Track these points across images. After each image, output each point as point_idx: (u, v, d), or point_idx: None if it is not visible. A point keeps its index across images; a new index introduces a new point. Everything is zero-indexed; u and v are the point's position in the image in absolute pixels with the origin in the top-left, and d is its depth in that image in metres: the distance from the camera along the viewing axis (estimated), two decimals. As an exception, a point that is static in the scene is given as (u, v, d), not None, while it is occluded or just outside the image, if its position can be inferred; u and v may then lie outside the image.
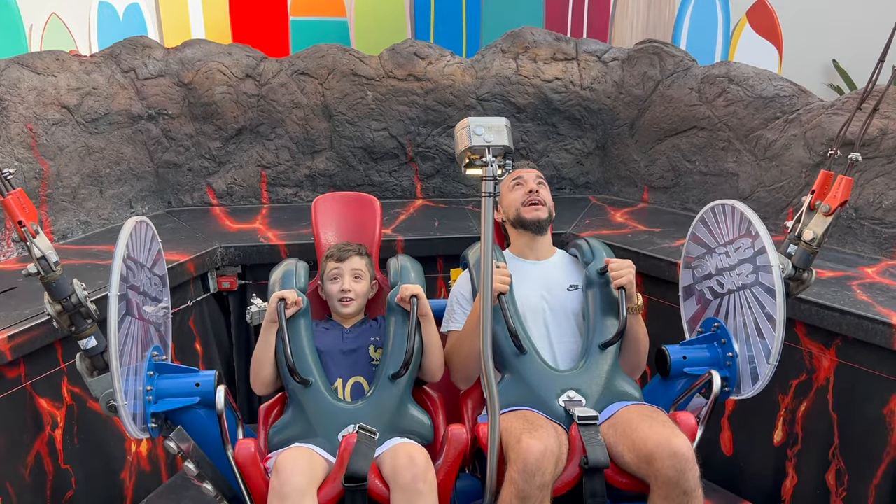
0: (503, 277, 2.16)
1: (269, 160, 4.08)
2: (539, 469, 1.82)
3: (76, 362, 1.92)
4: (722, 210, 2.25)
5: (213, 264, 3.34)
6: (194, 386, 1.95)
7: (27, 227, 1.78)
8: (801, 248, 2.11)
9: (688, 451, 1.84)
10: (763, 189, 3.59)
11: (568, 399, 2.09)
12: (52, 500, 2.54)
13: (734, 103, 3.72)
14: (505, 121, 1.72)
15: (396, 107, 4.10)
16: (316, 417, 2.06)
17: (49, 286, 1.82)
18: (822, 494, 2.71)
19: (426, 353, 2.20)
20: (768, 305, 2.02)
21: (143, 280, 1.99)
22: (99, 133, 3.59)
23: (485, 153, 1.68)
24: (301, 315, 2.23)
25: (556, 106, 4.19)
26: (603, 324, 2.23)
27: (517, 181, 2.46)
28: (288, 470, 1.83)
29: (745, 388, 2.12)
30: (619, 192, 4.33)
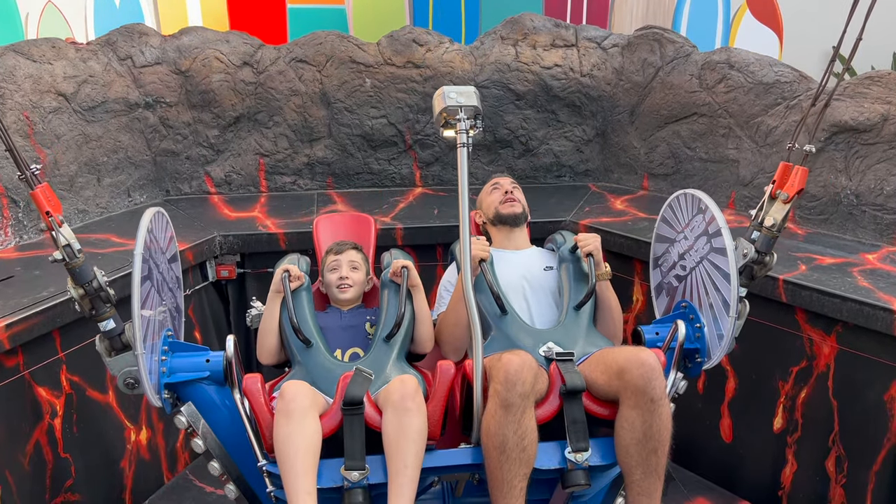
0: (483, 245, 2.37)
1: (268, 148, 4.06)
2: (519, 378, 1.95)
3: (96, 343, 2.04)
4: (677, 201, 2.42)
5: (211, 253, 3.33)
6: (205, 362, 2.07)
7: (54, 217, 1.92)
8: (762, 234, 2.23)
9: (654, 362, 1.98)
10: (764, 176, 3.57)
11: (547, 349, 2.24)
12: (51, 489, 2.54)
13: (735, 89, 3.70)
14: (473, 88, 2.02)
15: (395, 94, 4.07)
16: (316, 373, 2.18)
17: (73, 272, 1.95)
18: (822, 481, 2.72)
19: (417, 322, 2.34)
20: (723, 265, 2.13)
21: (163, 264, 2.12)
22: (96, 121, 3.57)
23: (458, 112, 1.99)
24: (303, 290, 2.38)
25: (556, 93, 4.17)
26: (577, 290, 2.42)
27: (494, 186, 2.73)
28: (292, 391, 1.97)
29: (713, 353, 2.21)
30: (619, 179, 4.31)
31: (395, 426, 1.95)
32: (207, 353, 2.09)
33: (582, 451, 1.99)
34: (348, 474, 1.92)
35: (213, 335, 3.44)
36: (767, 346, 2.83)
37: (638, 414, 1.95)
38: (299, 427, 1.91)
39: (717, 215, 2.16)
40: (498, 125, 4.19)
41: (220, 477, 2.14)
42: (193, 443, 2.06)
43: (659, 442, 1.95)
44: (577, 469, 1.98)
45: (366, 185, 4.21)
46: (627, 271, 3.40)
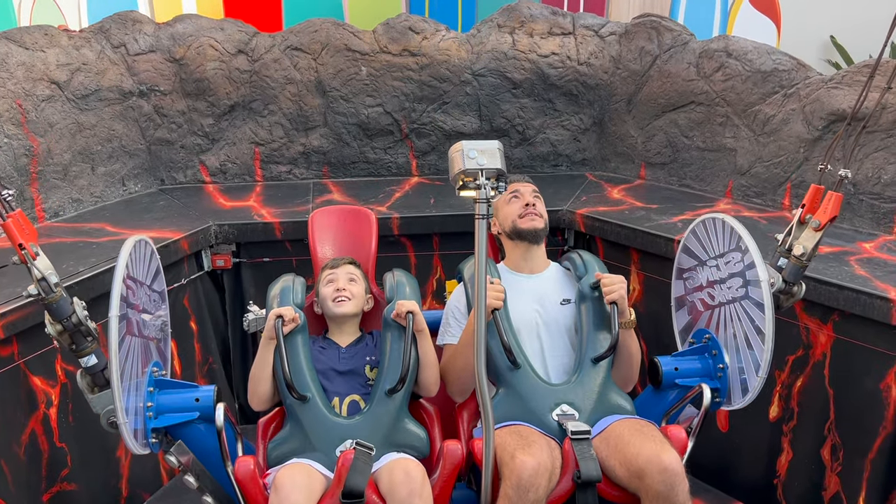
0: (497, 293, 2.20)
1: (263, 137, 4.04)
2: (533, 485, 1.87)
3: (77, 379, 1.95)
4: (713, 223, 2.27)
5: (207, 242, 3.32)
6: (194, 401, 1.99)
7: (27, 249, 1.80)
8: (791, 263, 2.14)
9: (677, 466, 1.89)
10: (761, 164, 3.56)
11: (561, 413, 2.13)
12: (47, 478, 2.54)
13: (732, 78, 3.69)
14: (498, 144, 1.76)
15: (391, 82, 4.05)
16: (313, 432, 2.09)
17: (50, 307, 1.84)
18: (817, 469, 2.73)
19: (422, 369, 2.22)
20: (757, 319, 2.05)
21: (143, 298, 2.01)
22: (89, 109, 3.54)
23: (478, 176, 1.72)
24: (298, 332, 2.25)
25: (553, 81, 4.15)
26: (596, 338, 2.26)
27: (514, 194, 2.50)
28: (287, 487, 1.87)
29: (735, 399, 2.16)
30: (616, 168, 4.30)
31: None
32: (197, 391, 2.01)
33: None
34: None
35: (209, 325, 3.43)
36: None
37: None
38: None
39: (758, 265, 2.03)
40: (494, 114, 4.17)
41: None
42: (185, 479, 2.00)
43: None
44: None
45: (362, 175, 4.19)
46: (624, 261, 3.39)
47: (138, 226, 3.24)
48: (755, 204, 3.58)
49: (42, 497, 2.52)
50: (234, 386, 3.60)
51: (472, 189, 1.72)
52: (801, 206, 2.17)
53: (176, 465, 1.98)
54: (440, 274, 3.62)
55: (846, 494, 2.64)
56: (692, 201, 3.66)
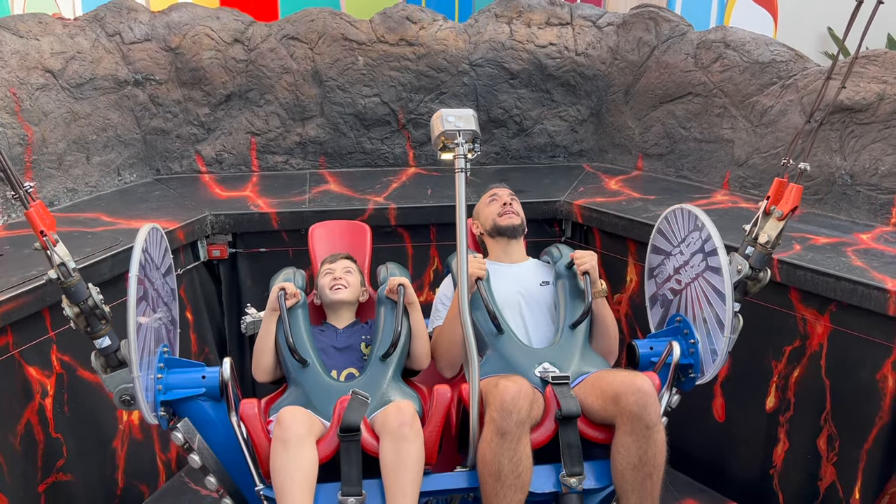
0: (479, 264, 2.38)
1: (259, 127, 4.02)
2: (515, 406, 1.97)
3: (91, 360, 2.03)
4: (674, 215, 2.41)
5: (202, 232, 3.30)
6: (201, 378, 2.08)
7: (48, 236, 1.91)
8: (757, 251, 2.24)
9: (649, 387, 2.02)
10: (758, 155, 3.56)
11: (543, 370, 2.26)
12: (43, 469, 2.53)
13: (730, 69, 3.68)
14: (472, 111, 2.00)
15: (388, 72, 4.03)
16: (313, 393, 2.19)
17: (68, 291, 1.93)
18: (813, 459, 2.73)
19: (413, 339, 2.35)
20: (718, 284, 2.14)
21: (157, 280, 2.11)
22: (84, 98, 3.51)
23: (456, 136, 1.98)
24: (299, 307, 2.38)
25: (551, 72, 4.13)
26: (573, 307, 2.43)
27: (493, 197, 2.72)
28: (289, 418, 1.98)
29: (707, 369, 2.23)
30: (613, 159, 4.29)
31: (392, 454, 1.98)
32: (203, 370, 2.10)
33: (576, 475, 2.03)
34: (345, 500, 1.94)
35: (205, 316, 3.42)
36: (761, 326, 2.83)
37: (633, 440, 1.98)
38: (296, 455, 1.93)
39: (713, 234, 2.17)
40: (492, 104, 4.15)
41: (216, 492, 2.15)
42: (190, 458, 2.08)
43: (654, 467, 1.99)
44: (571, 493, 2.02)
45: (358, 165, 4.18)
46: (621, 252, 3.39)
47: (134, 216, 3.22)
48: (752, 195, 3.58)
49: (38, 488, 2.52)
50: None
51: (451, 150, 1.94)
52: (767, 198, 2.27)
53: (181, 443, 2.05)
54: (437, 265, 3.61)
55: (842, 484, 2.65)
56: (689, 192, 3.66)
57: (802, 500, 2.79)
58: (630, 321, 3.42)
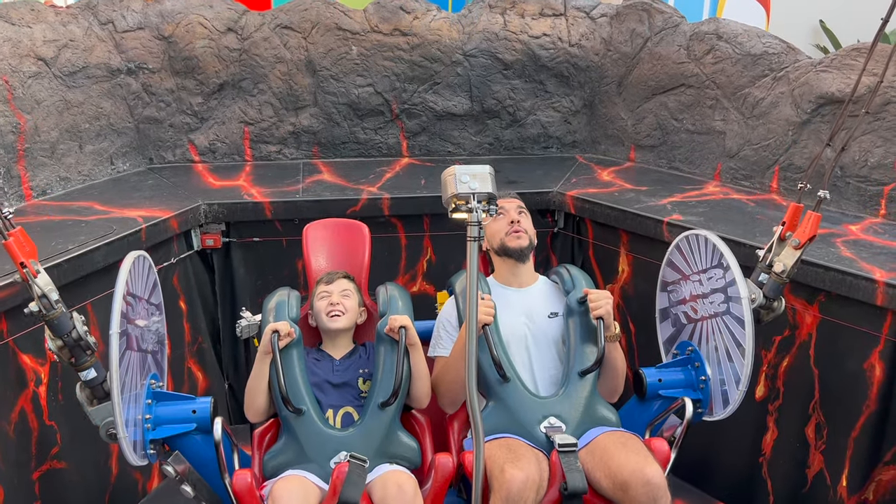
0: (487, 309, 2.27)
1: (252, 116, 4.01)
2: (521, 498, 1.94)
3: (76, 392, 1.98)
4: (696, 240, 2.35)
5: (196, 221, 3.30)
6: (191, 413, 2.06)
7: (29, 267, 1.82)
8: (771, 280, 2.22)
9: (660, 479, 1.97)
10: (749, 147, 3.58)
11: (549, 425, 2.20)
12: (37, 456, 2.54)
13: (723, 60, 3.69)
14: (489, 168, 1.80)
15: (382, 62, 4.03)
16: (308, 444, 2.15)
17: (51, 324, 1.86)
18: (802, 447, 2.77)
19: (414, 381, 2.28)
20: (738, 335, 2.14)
21: (142, 312, 2.06)
22: (77, 87, 3.50)
23: (470, 199, 1.75)
24: (294, 346, 2.30)
25: (544, 63, 4.14)
26: (582, 351, 2.33)
27: (500, 211, 2.54)
28: (283, 499, 1.93)
29: (717, 410, 2.25)
30: (605, 151, 4.31)
31: None
32: (193, 403, 2.06)
33: None
34: None
35: (198, 305, 3.43)
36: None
37: None
38: None
39: (738, 280, 2.12)
40: (485, 95, 4.16)
41: None
42: (182, 489, 2.05)
43: None
44: None
45: (352, 155, 4.18)
46: (613, 242, 3.41)
47: (127, 205, 3.22)
48: (743, 186, 3.61)
49: (32, 475, 2.53)
50: (224, 366, 3.60)
51: (465, 212, 1.76)
52: (782, 224, 2.24)
53: (173, 475, 2.02)
54: (430, 255, 3.62)
55: (829, 472, 2.68)
56: (681, 184, 3.68)
57: (791, 487, 2.83)
58: (622, 311, 3.44)
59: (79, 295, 2.69)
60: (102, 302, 2.80)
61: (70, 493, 2.67)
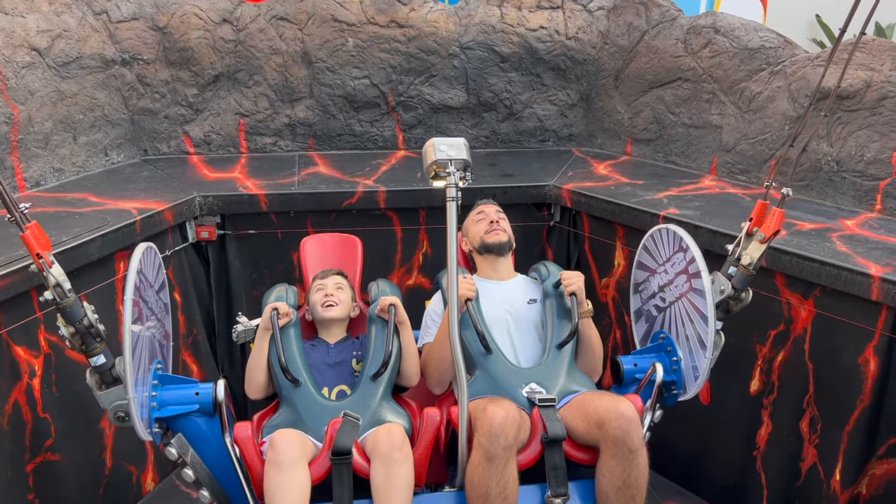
0: (469, 284, 2.42)
1: (248, 108, 3.99)
2: (503, 431, 2.03)
3: (87, 378, 2.05)
4: (659, 233, 2.46)
5: (191, 213, 3.29)
6: (194, 395, 2.12)
7: (44, 258, 1.92)
8: (739, 272, 2.30)
9: (632, 413, 2.08)
10: (746, 141, 3.58)
11: (530, 390, 2.31)
12: (31, 448, 2.53)
13: (720, 54, 3.69)
14: (463, 140, 2.03)
15: (378, 54, 4.01)
16: (305, 412, 2.24)
17: (64, 311, 1.96)
18: (796, 441, 2.78)
19: (404, 357, 2.41)
20: (701, 305, 2.21)
21: (151, 298, 2.15)
22: (71, 77, 3.48)
23: (448, 165, 2.00)
24: (291, 325, 2.43)
25: (541, 56, 4.13)
26: (559, 327, 2.49)
27: (480, 215, 2.77)
28: (282, 443, 2.04)
29: (689, 387, 2.31)
30: (602, 144, 4.31)
31: (383, 477, 2.03)
32: (197, 386, 2.14)
33: (561, 496, 2.10)
34: None
35: (193, 297, 3.41)
36: (746, 310, 2.84)
37: (617, 463, 2.05)
38: (289, 478, 1.98)
39: (697, 256, 2.22)
40: (482, 88, 4.15)
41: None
42: (183, 473, 2.11)
43: (637, 489, 2.05)
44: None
45: (348, 148, 4.17)
46: (609, 236, 3.41)
47: (121, 196, 3.20)
48: (739, 181, 3.61)
49: (26, 467, 2.52)
50: (219, 359, 3.59)
51: (443, 177, 1.95)
52: (749, 220, 2.33)
53: (175, 458, 2.08)
54: (426, 248, 3.62)
55: (823, 466, 2.69)
56: (677, 177, 3.68)
57: (784, 481, 2.84)
58: (617, 304, 3.45)
59: (73, 286, 2.67)
60: (97, 294, 2.79)
61: (64, 486, 2.66)
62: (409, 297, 3.63)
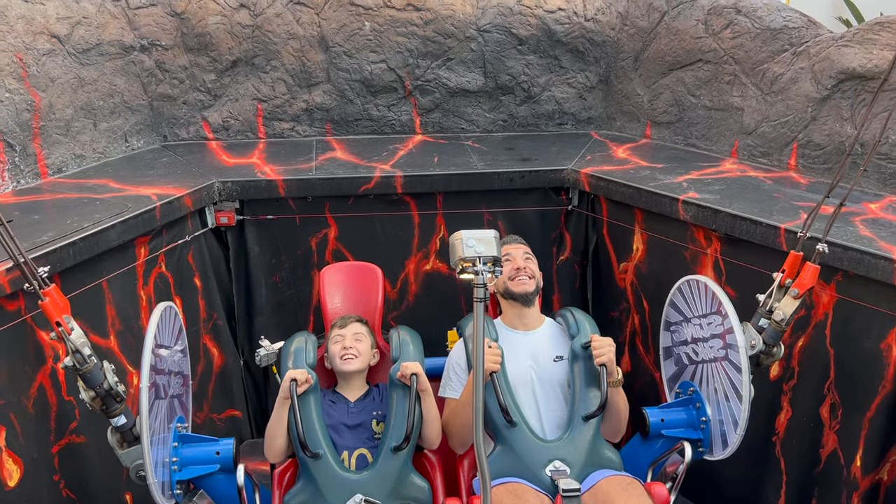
0: (494, 357, 2.39)
1: (265, 93, 4.00)
2: None
3: (108, 436, 2.12)
4: (696, 285, 2.48)
5: (210, 199, 3.31)
6: (214, 454, 2.19)
7: (63, 325, 1.96)
8: (770, 327, 2.30)
9: None
10: (768, 124, 3.53)
11: (554, 469, 2.31)
12: (56, 431, 2.58)
13: (741, 35, 3.63)
14: (494, 233, 1.92)
15: (395, 38, 4.00)
16: (325, 487, 2.28)
17: (84, 377, 2.01)
18: (816, 427, 2.76)
19: (425, 425, 2.42)
20: (736, 381, 2.25)
21: (168, 361, 2.20)
22: (91, 64, 3.50)
23: (476, 262, 1.86)
24: (311, 391, 2.45)
25: (559, 38, 4.09)
26: (586, 396, 2.45)
27: (506, 257, 2.70)
28: None
29: (716, 450, 2.35)
30: (621, 127, 4.27)
31: None
32: (217, 445, 2.19)
33: None
34: None
35: (213, 282, 3.44)
36: (766, 295, 2.85)
37: None
38: None
39: (736, 332, 2.21)
40: (500, 71, 4.12)
41: None
42: None
43: None
44: None
45: (365, 132, 4.17)
46: (628, 220, 3.39)
47: (142, 182, 3.23)
48: (761, 164, 3.56)
49: (52, 449, 2.57)
50: (239, 343, 3.63)
51: (471, 273, 1.87)
52: (782, 271, 2.31)
53: None
54: (443, 233, 3.62)
55: (843, 452, 2.67)
56: (697, 161, 3.64)
57: (804, 467, 2.82)
58: (635, 289, 3.43)
59: (94, 272, 2.72)
60: (117, 279, 2.82)
61: (89, 468, 2.71)
62: (427, 282, 3.64)
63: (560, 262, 3.73)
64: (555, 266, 3.73)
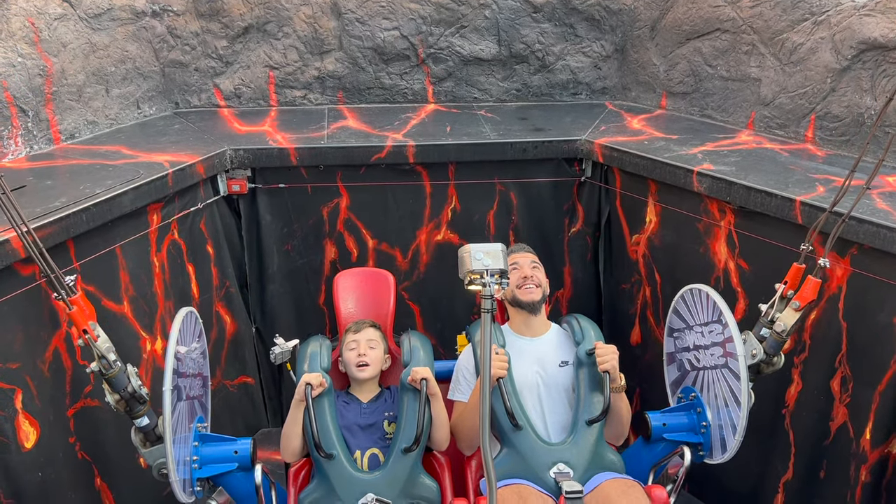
0: (501, 363, 2.48)
1: (277, 60, 3.97)
2: None
3: (131, 436, 2.21)
4: (698, 293, 2.54)
5: (222, 167, 3.31)
6: (233, 453, 2.30)
7: (90, 333, 2.05)
8: (772, 337, 2.35)
9: None
10: (785, 95, 3.48)
11: (558, 471, 2.39)
12: (71, 394, 2.61)
13: (761, 4, 3.56)
14: (501, 246, 1.97)
15: (408, 5, 3.95)
16: (338, 486, 2.38)
17: (110, 381, 2.11)
18: (826, 400, 2.76)
19: (434, 428, 2.51)
20: (735, 388, 2.31)
21: (189, 364, 2.28)
22: (102, 29, 3.48)
23: (484, 274, 1.91)
24: (325, 394, 2.54)
25: (575, 5, 4.02)
26: (590, 401, 2.53)
27: (514, 266, 2.76)
28: None
29: (715, 454, 2.43)
30: (636, 97, 4.22)
31: None
32: (235, 444, 2.30)
33: None
34: None
35: (226, 250, 3.46)
36: (780, 268, 2.82)
37: None
38: None
39: (736, 341, 2.27)
40: (514, 39, 4.07)
41: None
42: None
43: None
44: None
45: (377, 101, 4.14)
46: (642, 192, 3.36)
47: (154, 149, 3.23)
48: (777, 136, 3.51)
49: (67, 412, 2.61)
50: (252, 310, 3.66)
51: (479, 285, 1.92)
52: (784, 283, 2.36)
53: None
54: (455, 204, 3.60)
55: (853, 425, 2.67)
56: (713, 132, 3.59)
57: (813, 439, 2.83)
58: (647, 261, 3.41)
59: (108, 238, 2.73)
60: (131, 246, 2.84)
61: (103, 430, 2.75)
62: (438, 252, 3.64)
63: (572, 234, 3.72)
64: (566, 238, 3.72)
